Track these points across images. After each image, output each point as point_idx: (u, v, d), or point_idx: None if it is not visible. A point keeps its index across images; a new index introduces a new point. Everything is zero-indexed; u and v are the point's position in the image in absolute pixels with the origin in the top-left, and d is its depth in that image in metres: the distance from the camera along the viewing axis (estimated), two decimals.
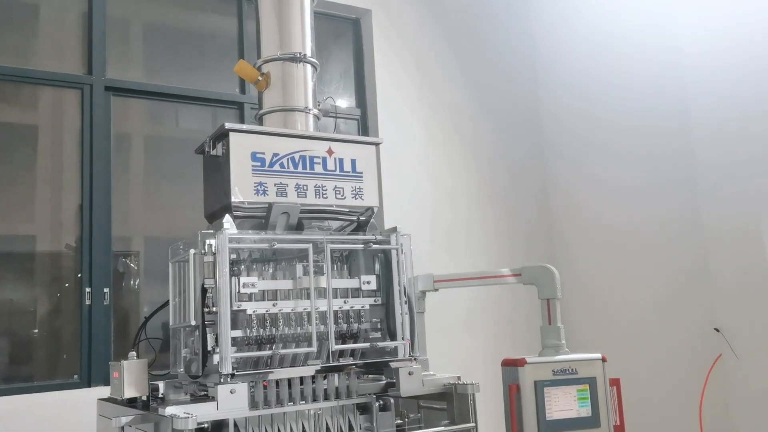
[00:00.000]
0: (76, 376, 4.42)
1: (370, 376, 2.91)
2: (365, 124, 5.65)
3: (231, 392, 2.31)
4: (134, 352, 2.67)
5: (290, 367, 2.52)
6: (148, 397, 2.61)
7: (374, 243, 2.74)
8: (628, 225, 5.56)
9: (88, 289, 4.48)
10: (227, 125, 2.57)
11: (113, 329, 4.52)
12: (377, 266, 2.83)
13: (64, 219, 4.74)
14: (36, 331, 4.65)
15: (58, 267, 4.73)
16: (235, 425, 2.41)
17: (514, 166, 6.28)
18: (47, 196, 4.75)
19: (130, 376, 2.56)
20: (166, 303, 2.77)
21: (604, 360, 2.89)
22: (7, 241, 4.68)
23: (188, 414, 2.12)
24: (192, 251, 2.45)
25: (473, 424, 2.61)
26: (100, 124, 4.66)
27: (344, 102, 5.72)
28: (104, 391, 3.19)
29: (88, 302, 4.46)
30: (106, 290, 4.52)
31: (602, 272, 5.75)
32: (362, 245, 2.73)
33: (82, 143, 4.65)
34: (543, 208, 6.36)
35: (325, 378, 2.61)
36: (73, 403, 4.12)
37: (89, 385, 4.29)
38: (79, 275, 4.55)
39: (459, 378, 2.76)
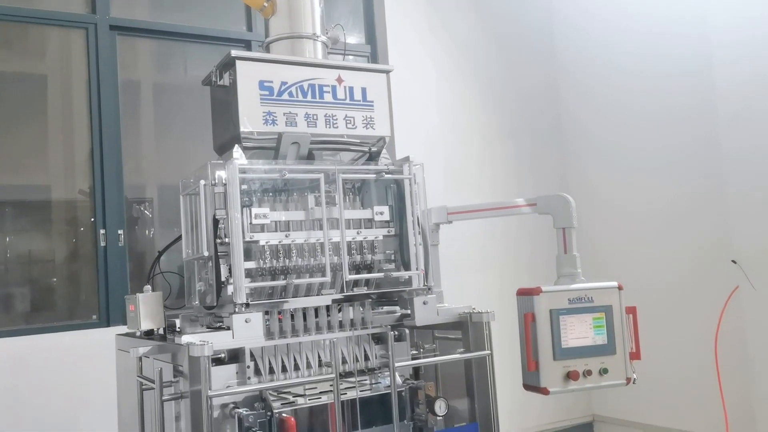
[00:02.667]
0: (94, 317, 4.49)
1: (384, 308, 2.91)
2: (375, 61, 5.54)
3: (246, 321, 2.32)
4: (149, 286, 2.68)
5: (305, 297, 2.51)
6: (164, 329, 2.63)
7: (386, 173, 2.70)
8: (644, 155, 5.50)
9: (102, 231, 4.51)
10: (233, 53, 2.50)
11: (129, 272, 4.57)
12: (390, 197, 2.79)
13: (77, 166, 4.76)
14: (54, 274, 4.72)
15: (73, 213, 4.77)
16: (252, 356, 2.42)
17: (527, 101, 6.18)
18: (59, 145, 4.76)
19: (146, 308, 2.58)
20: (179, 237, 2.76)
21: (620, 288, 2.86)
22: (22, 191, 4.73)
23: (204, 342, 2.13)
24: (202, 183, 2.42)
25: (488, 352, 2.61)
26: (106, 65, 4.60)
27: (353, 39, 5.60)
28: (122, 330, 3.24)
29: (103, 244, 4.50)
30: (120, 232, 4.54)
31: (617, 205, 5.72)
32: (374, 175, 2.69)
33: (89, 86, 4.61)
34: (556, 143, 6.28)
35: (339, 309, 2.62)
36: (92, 342, 4.19)
37: (108, 325, 4.36)
38: (93, 219, 4.58)
39: (473, 308, 2.75)
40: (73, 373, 4.13)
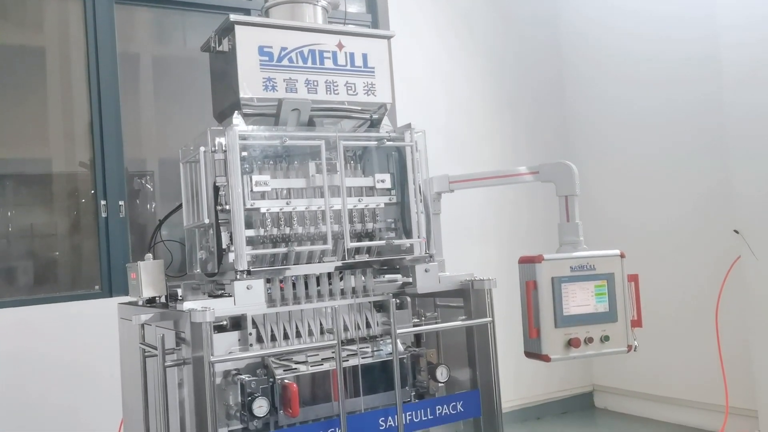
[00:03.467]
0: (97, 287, 4.50)
1: (386, 276, 2.91)
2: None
3: (248, 288, 2.32)
4: (150, 255, 2.68)
5: (306, 264, 2.51)
6: (166, 297, 2.63)
7: (388, 140, 2.68)
8: (648, 125, 5.47)
9: (103, 202, 4.51)
10: (232, 17, 2.47)
11: (131, 245, 4.57)
12: (391, 165, 2.77)
13: (77, 138, 4.75)
14: (56, 246, 4.74)
15: (74, 185, 4.78)
16: (254, 323, 2.42)
17: (530, 74, 6.13)
18: (58, 117, 4.75)
19: (148, 276, 2.57)
20: (180, 206, 2.75)
21: (622, 256, 2.86)
22: (23, 165, 4.73)
23: (206, 308, 2.13)
24: (202, 149, 2.40)
25: (490, 319, 2.61)
26: (105, 36, 4.56)
27: (354, 8, 5.53)
28: (125, 300, 3.25)
29: (104, 215, 4.50)
30: (121, 203, 4.54)
31: (621, 175, 5.71)
32: (375, 142, 2.67)
33: (88, 57, 4.57)
34: (558, 114, 6.24)
35: (341, 277, 2.61)
36: (95, 311, 4.21)
37: (110, 295, 4.38)
38: (93, 191, 4.58)
39: (474, 276, 2.75)
40: (77, 342, 4.16)
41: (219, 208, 2.39)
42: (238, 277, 2.31)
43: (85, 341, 4.16)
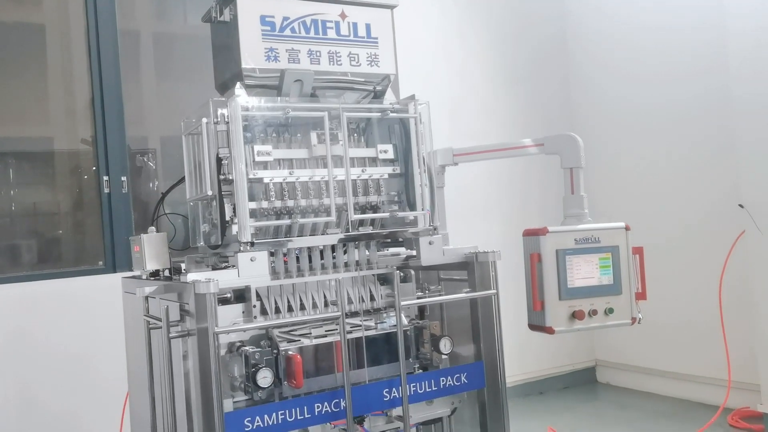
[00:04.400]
0: (100, 263, 4.51)
1: (389, 250, 2.90)
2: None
3: (251, 260, 2.31)
4: (153, 228, 2.67)
5: (310, 236, 2.50)
6: (170, 270, 2.63)
7: (392, 111, 2.65)
8: (653, 101, 5.45)
9: (105, 178, 4.50)
10: None
11: (134, 222, 4.57)
12: (395, 138, 2.75)
13: (78, 114, 4.73)
14: (59, 223, 4.75)
15: (76, 162, 4.77)
16: (258, 296, 2.42)
17: (534, 47, 6.07)
18: (59, 95, 4.73)
19: (151, 249, 2.57)
20: (183, 179, 2.73)
21: (627, 229, 2.84)
22: (26, 143, 4.72)
23: (210, 279, 2.12)
24: (204, 120, 2.38)
25: (494, 291, 2.60)
26: (105, 11, 4.52)
27: None
28: (129, 275, 3.25)
29: (107, 190, 4.49)
30: (123, 179, 4.53)
31: (625, 149, 5.69)
32: (379, 114, 2.65)
33: (88, 34, 4.54)
34: (563, 90, 6.20)
35: (345, 251, 2.60)
36: (99, 287, 4.23)
37: (114, 271, 4.39)
38: (94, 168, 4.58)
39: (478, 249, 2.74)
40: (82, 317, 4.18)
41: (222, 178, 2.37)
42: (241, 249, 2.30)
43: (89, 316, 4.18)
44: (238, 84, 2.41)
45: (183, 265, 2.69)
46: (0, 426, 4.00)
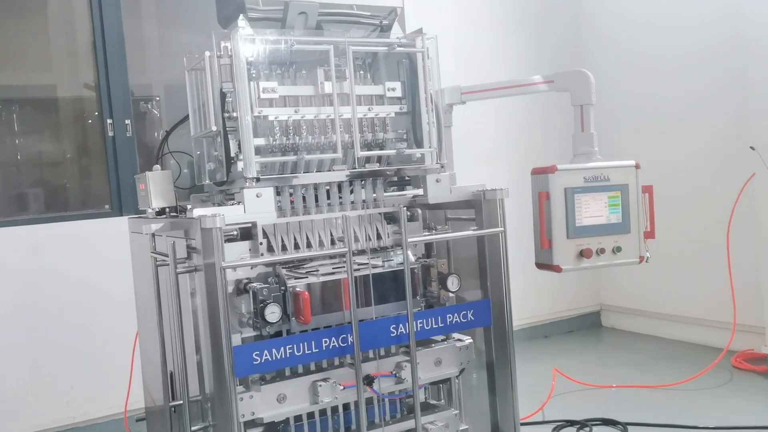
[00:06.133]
0: (107, 206, 4.52)
1: (395, 188, 2.88)
2: None
3: (257, 196, 2.30)
4: (158, 165, 2.65)
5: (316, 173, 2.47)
6: (175, 208, 2.62)
7: (399, 46, 2.59)
8: (664, 42, 5.32)
9: (109, 121, 4.47)
10: None
11: (139, 167, 4.55)
12: (402, 74, 2.69)
13: (80, 61, 4.68)
14: (65, 168, 4.75)
15: (80, 108, 4.74)
16: (264, 234, 2.41)
17: None
18: (61, 40, 4.66)
19: (156, 186, 2.56)
20: (187, 117, 2.70)
21: (637, 167, 2.81)
22: (29, 90, 4.68)
23: (216, 214, 2.11)
24: (207, 54, 2.33)
25: (502, 229, 2.59)
26: None
27: None
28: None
29: (110, 134, 4.46)
30: (127, 122, 4.50)
31: (635, 89, 5.60)
32: (385, 48, 2.59)
33: None
34: (573, 29, 6.07)
35: (351, 190, 2.58)
36: (106, 229, 4.25)
37: (120, 214, 4.39)
38: (96, 113, 4.54)
39: (486, 187, 2.71)
40: (89, 260, 4.21)
41: (226, 115, 2.34)
42: (247, 185, 2.28)
43: (97, 259, 4.21)
44: (241, 16, 2.35)
45: (189, 206, 2.68)
46: (13, 367, 4.08)
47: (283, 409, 2.30)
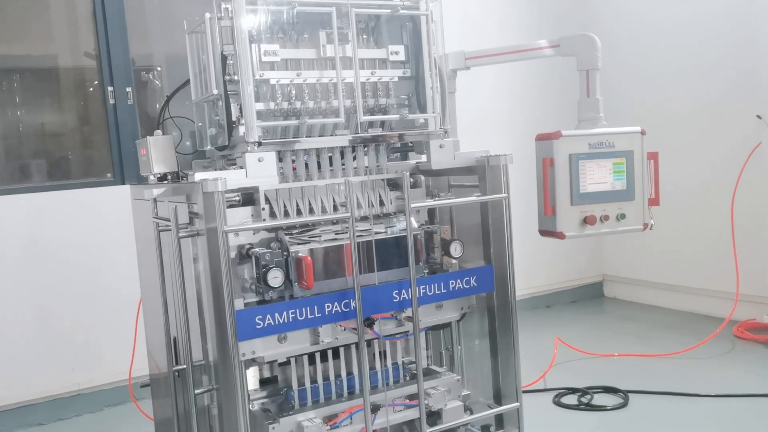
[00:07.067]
0: (109, 175, 4.51)
1: (397, 154, 2.86)
2: None
3: (259, 160, 2.28)
4: (159, 131, 2.63)
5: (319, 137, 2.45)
6: (177, 173, 2.60)
7: (402, 8, 2.54)
8: (672, 8, 5.24)
9: (110, 89, 4.44)
10: None
11: (141, 136, 4.53)
12: (405, 38, 2.65)
13: (81, 29, 4.63)
14: (67, 137, 4.73)
15: (81, 77, 4.70)
16: (266, 199, 2.40)
17: None
18: (61, 8, 4.61)
19: (158, 151, 2.54)
20: (188, 81, 2.67)
21: (643, 133, 2.78)
22: (30, 60, 4.64)
23: (218, 177, 2.10)
24: (207, 15, 2.30)
25: (506, 195, 2.57)
26: None
27: None
28: None
29: (112, 101, 4.43)
30: (128, 89, 4.47)
31: (641, 54, 5.53)
32: (389, 10, 2.54)
33: None
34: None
35: (354, 156, 2.56)
36: (108, 198, 4.24)
37: (123, 183, 4.39)
38: (96, 82, 4.51)
39: (490, 153, 2.68)
40: (92, 228, 4.21)
41: (227, 78, 2.31)
42: (249, 149, 2.26)
43: (100, 227, 4.22)
44: None
45: (190, 172, 2.66)
46: (18, 334, 4.11)
47: (283, 349, 2.29)
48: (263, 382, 2.56)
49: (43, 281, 4.14)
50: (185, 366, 2.37)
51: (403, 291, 2.44)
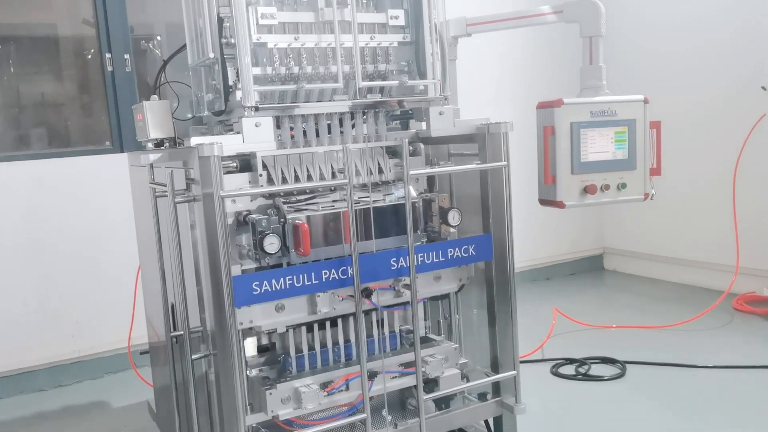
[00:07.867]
0: (107, 143, 4.48)
1: (397, 122, 2.83)
2: None
3: (256, 126, 2.25)
4: (156, 96, 2.60)
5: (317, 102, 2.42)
6: (173, 139, 2.58)
7: None
8: None
9: (108, 55, 4.39)
10: None
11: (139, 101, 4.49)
12: (405, 2, 2.60)
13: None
14: (66, 106, 4.69)
15: (80, 46, 4.65)
16: (264, 166, 2.37)
17: None
18: None
19: (154, 117, 2.51)
20: (184, 46, 2.63)
21: (646, 102, 2.74)
22: (29, 29, 4.58)
23: (214, 142, 2.07)
24: None
25: (505, 163, 2.54)
26: None
27: None
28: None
29: (110, 68, 4.38)
30: (126, 57, 4.41)
31: (646, 23, 5.45)
32: None
33: None
34: None
35: (353, 124, 2.53)
36: (107, 166, 4.22)
37: (122, 151, 4.36)
38: (92, 50, 4.46)
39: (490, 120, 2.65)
40: (91, 194, 4.20)
41: (224, 41, 2.27)
42: (246, 113, 2.24)
43: (99, 194, 4.20)
44: None
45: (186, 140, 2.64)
46: (18, 301, 4.12)
47: (280, 318, 2.29)
48: (261, 350, 2.57)
49: (43, 248, 4.14)
50: (182, 332, 2.37)
51: (401, 258, 2.42)
